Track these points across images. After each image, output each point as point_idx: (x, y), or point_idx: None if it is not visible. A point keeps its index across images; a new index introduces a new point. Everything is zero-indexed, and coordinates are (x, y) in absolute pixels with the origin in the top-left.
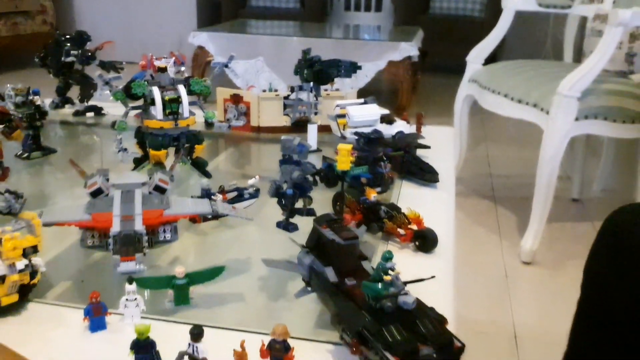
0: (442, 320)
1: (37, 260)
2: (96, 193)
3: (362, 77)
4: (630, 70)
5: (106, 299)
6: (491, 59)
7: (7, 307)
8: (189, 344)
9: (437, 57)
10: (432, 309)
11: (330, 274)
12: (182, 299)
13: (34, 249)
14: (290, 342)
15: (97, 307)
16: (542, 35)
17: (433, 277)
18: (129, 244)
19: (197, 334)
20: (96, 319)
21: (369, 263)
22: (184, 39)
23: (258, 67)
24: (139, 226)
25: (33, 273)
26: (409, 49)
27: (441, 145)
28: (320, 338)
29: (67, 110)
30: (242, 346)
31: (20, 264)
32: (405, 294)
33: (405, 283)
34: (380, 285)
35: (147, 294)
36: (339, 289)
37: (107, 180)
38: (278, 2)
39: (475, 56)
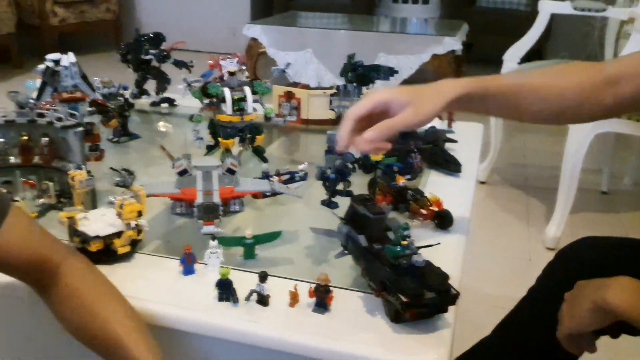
0: (445, 276)
1: (142, 221)
2: (182, 173)
3: (407, 69)
4: None
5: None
6: (537, 55)
7: (122, 255)
8: (257, 284)
9: (483, 49)
10: (438, 268)
11: (362, 240)
12: (249, 254)
13: (140, 213)
14: (330, 289)
15: (190, 257)
16: (589, 35)
17: (438, 243)
18: (209, 212)
19: (263, 276)
20: (188, 266)
21: (393, 233)
22: (237, 29)
23: (307, 59)
24: (216, 199)
25: (139, 231)
26: (453, 43)
27: (468, 139)
28: (353, 287)
29: (144, 100)
30: (295, 288)
31: (133, 223)
32: (417, 255)
33: (418, 247)
34: (398, 248)
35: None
36: (368, 251)
37: (190, 163)
38: None
39: (512, 55)
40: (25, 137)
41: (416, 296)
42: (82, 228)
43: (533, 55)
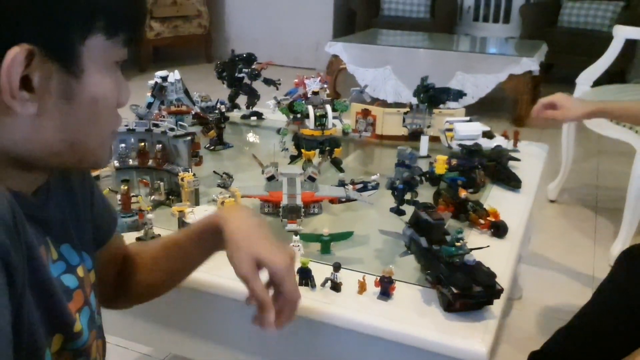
0: (492, 274)
1: None
2: (270, 178)
3: (483, 88)
4: None
5: None
6: (620, 78)
7: None
8: (332, 273)
9: (564, 69)
10: (487, 267)
11: (423, 241)
12: (326, 249)
13: None
14: (393, 280)
15: None
16: None
17: (488, 246)
18: (293, 212)
19: (337, 266)
20: None
21: (450, 237)
22: (320, 45)
23: (386, 75)
24: (299, 202)
25: None
26: (530, 64)
27: (532, 158)
28: (413, 281)
29: (235, 113)
30: (363, 279)
31: None
32: (469, 255)
33: (470, 249)
34: (453, 248)
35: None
36: (428, 251)
37: (277, 170)
38: (409, 12)
39: (585, 78)
40: (143, 144)
41: (465, 289)
42: (190, 220)
43: (615, 77)
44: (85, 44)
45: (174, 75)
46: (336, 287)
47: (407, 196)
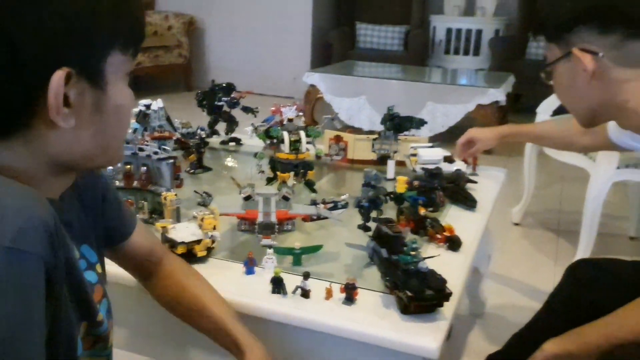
0: (443, 280)
1: (216, 233)
2: (247, 198)
3: (453, 118)
4: None
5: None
6: None
7: (200, 258)
8: (301, 282)
9: (531, 99)
10: (439, 274)
11: (384, 252)
12: (297, 261)
13: (215, 227)
14: (356, 286)
15: (251, 261)
16: None
17: (439, 255)
18: (267, 229)
19: (306, 275)
20: (250, 267)
21: (407, 247)
22: (298, 75)
23: (361, 105)
24: (273, 219)
25: (213, 241)
26: (497, 95)
27: (489, 181)
28: (374, 288)
29: (215, 139)
30: (330, 286)
31: (210, 234)
32: (422, 262)
33: (424, 258)
34: (409, 257)
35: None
36: (388, 260)
37: (254, 190)
38: (384, 45)
39: (545, 108)
40: (129, 166)
41: (418, 292)
42: (172, 235)
43: None
44: (107, 61)
45: (157, 104)
46: (305, 294)
47: (373, 214)
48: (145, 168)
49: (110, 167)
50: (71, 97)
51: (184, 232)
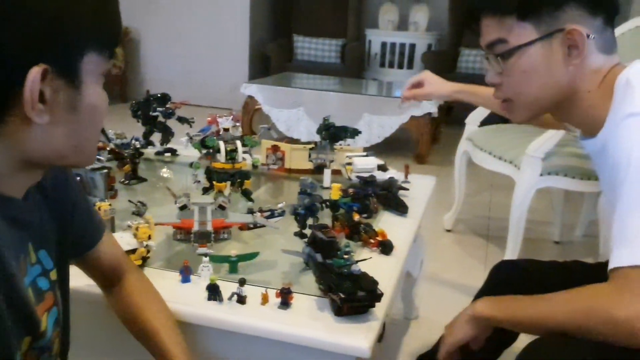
0: (374, 281)
1: (151, 242)
2: (183, 207)
3: (388, 129)
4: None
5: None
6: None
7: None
8: (237, 288)
9: (463, 111)
10: (372, 277)
11: (319, 257)
12: (233, 269)
13: (150, 237)
14: (291, 291)
15: (187, 269)
16: None
17: (370, 257)
18: (204, 237)
19: (242, 281)
20: (186, 276)
21: (342, 252)
22: (236, 87)
23: (299, 116)
24: (209, 227)
25: (148, 250)
26: (429, 107)
27: (421, 188)
28: (309, 293)
29: (150, 150)
30: (266, 292)
31: (145, 243)
32: (355, 265)
33: (357, 261)
34: (342, 260)
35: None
36: (322, 264)
37: (189, 200)
38: (321, 58)
39: (473, 119)
40: None
41: (351, 294)
42: None
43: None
44: (84, 61)
45: None
46: (242, 299)
47: (309, 221)
48: (78, 178)
49: None
50: (46, 93)
51: (118, 241)
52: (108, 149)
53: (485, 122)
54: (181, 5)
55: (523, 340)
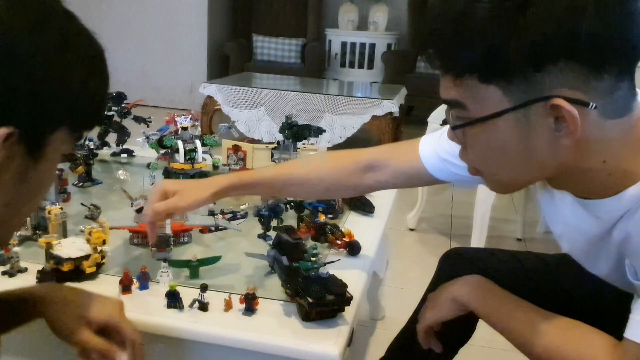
0: (343, 284)
1: (106, 247)
2: (140, 210)
3: (350, 129)
4: None
5: None
6: None
7: (88, 274)
8: (199, 294)
9: (423, 111)
10: (340, 279)
11: (284, 260)
12: (194, 274)
13: (104, 242)
14: (256, 296)
15: (145, 275)
16: None
17: (339, 260)
18: (162, 242)
19: (203, 287)
20: (143, 282)
21: (307, 254)
22: (195, 87)
23: (259, 117)
24: (168, 231)
25: (103, 256)
26: (390, 106)
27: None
28: (274, 297)
29: (105, 151)
30: (229, 297)
31: (99, 248)
32: (323, 268)
33: (325, 263)
34: (309, 263)
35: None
36: (288, 268)
37: (146, 202)
38: (281, 57)
39: (435, 117)
40: None
41: (319, 298)
42: (57, 252)
43: None
44: (53, 135)
45: None
46: (204, 306)
47: (274, 223)
48: None
49: None
50: (0, 155)
51: (70, 247)
52: None
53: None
54: (136, 3)
55: None
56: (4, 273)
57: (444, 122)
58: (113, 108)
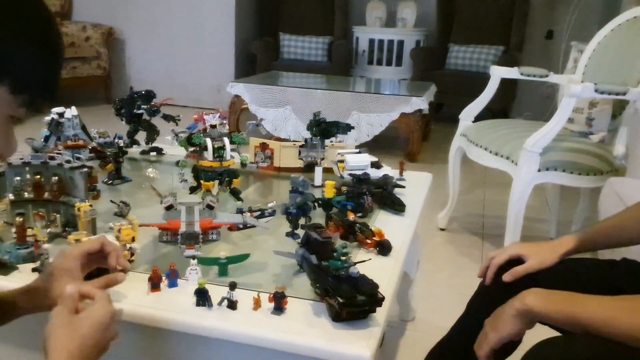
0: (375, 285)
1: (135, 245)
2: (169, 208)
3: (377, 127)
4: (590, 131)
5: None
6: (503, 115)
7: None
8: (227, 292)
9: (452, 108)
10: (371, 279)
11: (313, 258)
12: (223, 272)
13: (133, 239)
14: (285, 295)
15: (174, 272)
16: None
17: (369, 259)
18: (191, 239)
19: (232, 285)
20: (172, 280)
21: (337, 253)
22: (222, 86)
23: (286, 115)
24: (197, 228)
25: (132, 253)
26: (419, 103)
27: (417, 186)
28: (303, 296)
29: (134, 149)
30: (258, 296)
31: (128, 245)
32: (353, 267)
33: (355, 263)
34: (339, 262)
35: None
36: (317, 267)
37: (176, 199)
38: (308, 56)
39: (467, 115)
40: (38, 176)
41: (350, 298)
42: None
43: (499, 114)
44: None
45: (71, 112)
46: (232, 305)
47: (302, 221)
48: (56, 178)
49: (18, 178)
50: None
51: None
52: (89, 147)
53: (479, 118)
54: (165, 3)
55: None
56: (34, 270)
57: (476, 119)
58: (142, 106)
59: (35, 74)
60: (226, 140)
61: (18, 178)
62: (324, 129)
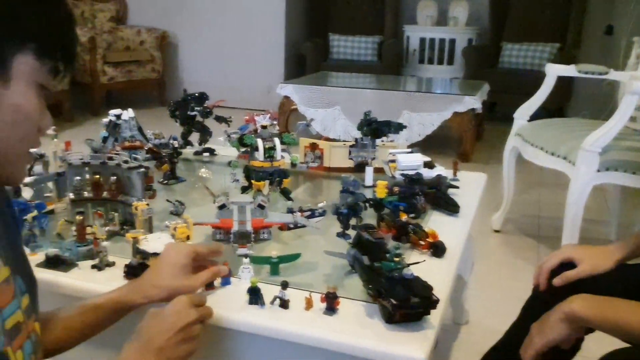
0: (429, 287)
1: (189, 243)
2: (222, 207)
3: (429, 126)
4: None
5: None
6: (559, 114)
7: None
8: (280, 291)
9: (506, 107)
10: (425, 281)
11: (365, 259)
12: (275, 271)
13: (188, 237)
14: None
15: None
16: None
17: (424, 261)
18: (243, 238)
19: (284, 284)
20: (226, 278)
21: (389, 253)
22: (272, 87)
23: (335, 115)
24: (249, 227)
25: None
26: (473, 102)
27: (471, 186)
28: (355, 297)
29: (188, 150)
30: (310, 296)
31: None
32: (407, 269)
33: (408, 264)
34: (392, 263)
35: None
36: (370, 267)
37: (228, 199)
38: (357, 56)
39: (522, 113)
40: (97, 176)
41: (404, 300)
42: (143, 247)
43: (555, 114)
44: (15, 57)
45: (128, 114)
46: (284, 304)
47: (353, 221)
48: (114, 178)
49: (78, 177)
50: None
51: (156, 242)
52: (146, 148)
53: (534, 117)
54: (217, 7)
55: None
56: (93, 267)
57: (532, 118)
58: (196, 108)
59: (57, 38)
60: (277, 140)
61: (78, 178)
62: (375, 129)
